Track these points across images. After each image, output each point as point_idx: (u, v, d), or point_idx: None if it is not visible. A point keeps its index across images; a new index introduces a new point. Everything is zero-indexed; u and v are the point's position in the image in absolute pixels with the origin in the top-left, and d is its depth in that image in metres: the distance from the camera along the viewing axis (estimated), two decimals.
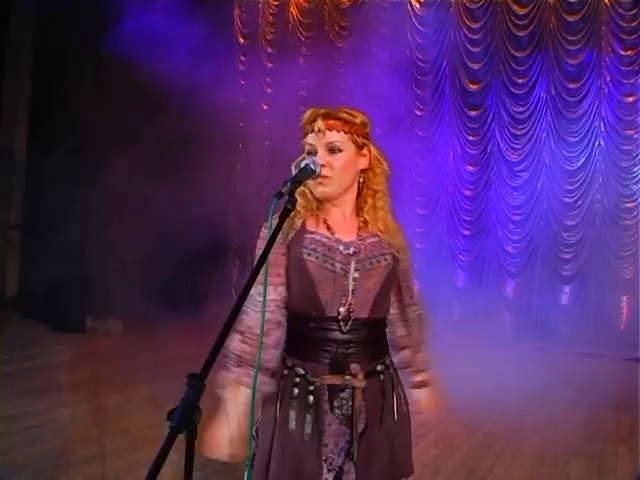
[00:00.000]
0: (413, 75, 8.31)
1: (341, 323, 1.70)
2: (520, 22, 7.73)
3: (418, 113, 8.14)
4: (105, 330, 7.02)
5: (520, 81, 7.78)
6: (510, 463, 4.02)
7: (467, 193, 8.16)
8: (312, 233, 1.74)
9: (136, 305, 6.74)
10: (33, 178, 7.65)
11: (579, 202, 7.55)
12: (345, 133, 1.71)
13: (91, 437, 4.05)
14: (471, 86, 8.07)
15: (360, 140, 1.74)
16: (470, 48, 8.02)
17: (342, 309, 1.70)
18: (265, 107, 9.30)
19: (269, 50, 9.24)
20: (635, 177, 7.34)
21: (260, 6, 9.27)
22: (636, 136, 7.30)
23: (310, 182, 1.68)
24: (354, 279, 1.70)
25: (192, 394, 1.10)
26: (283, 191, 1.50)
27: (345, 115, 1.72)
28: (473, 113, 8.09)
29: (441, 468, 3.79)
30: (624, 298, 7.25)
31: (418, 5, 8.29)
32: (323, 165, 1.68)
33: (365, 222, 1.77)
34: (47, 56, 7.40)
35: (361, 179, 1.79)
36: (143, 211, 6.76)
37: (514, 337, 7.58)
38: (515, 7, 7.73)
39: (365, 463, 1.68)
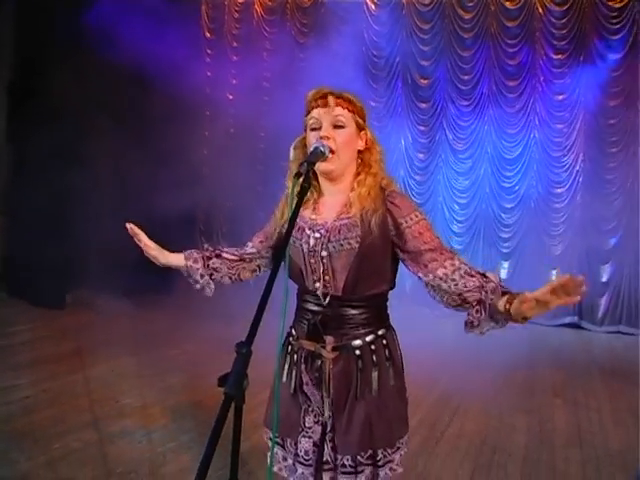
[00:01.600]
0: (369, 70, 8.34)
1: (320, 297, 1.71)
2: (465, 25, 7.86)
3: (373, 104, 8.21)
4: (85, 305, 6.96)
5: (465, 78, 7.91)
6: (464, 418, 4.18)
7: (417, 178, 8.30)
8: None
9: (111, 281, 6.69)
10: (14, 161, 7.44)
11: (516, 187, 7.78)
12: (349, 111, 1.70)
13: (82, 406, 4.06)
14: (421, 81, 8.17)
15: (361, 121, 1.74)
16: (421, 47, 8.10)
17: (318, 284, 1.71)
18: (230, 97, 9.22)
19: (234, 44, 9.14)
20: (564, 166, 7.59)
21: (226, 3, 9.15)
22: (565, 130, 7.56)
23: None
24: (322, 258, 1.69)
25: (241, 361, 1.09)
26: (302, 171, 1.51)
27: (350, 96, 1.71)
28: (423, 106, 8.19)
29: None
30: (554, 272, 7.55)
31: (374, 6, 8.31)
32: (327, 137, 1.66)
33: (352, 195, 1.71)
34: (27, 37, 7.12)
35: (359, 160, 1.77)
36: (120, 191, 6.71)
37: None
38: (461, 12, 7.85)
39: (344, 430, 1.69)
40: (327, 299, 1.71)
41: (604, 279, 7.53)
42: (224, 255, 1.91)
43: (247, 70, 8.78)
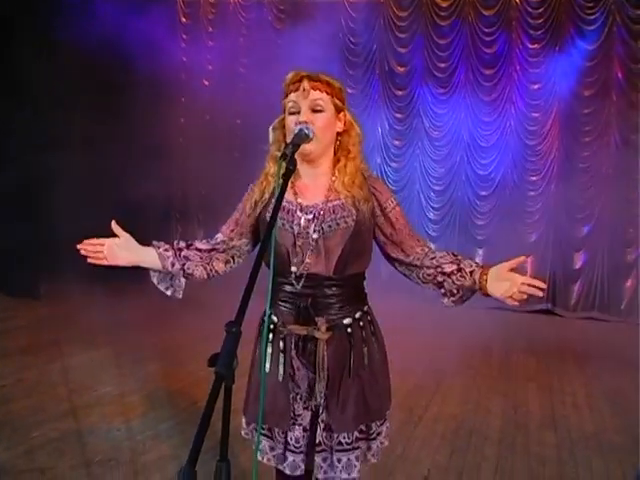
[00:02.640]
0: (345, 56, 8.33)
1: (311, 280, 1.70)
2: (442, 13, 7.88)
3: (350, 91, 8.15)
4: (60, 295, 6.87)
5: (442, 66, 7.94)
6: (441, 402, 4.26)
7: (393, 165, 8.32)
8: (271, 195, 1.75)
9: (86, 270, 6.60)
10: None
11: (492, 175, 7.86)
12: (327, 94, 1.69)
13: (60, 395, 4.04)
14: (398, 68, 8.19)
15: (339, 104, 1.73)
16: (398, 34, 8.11)
17: (294, 268, 1.70)
18: (206, 83, 9.14)
19: (210, 29, 9.02)
20: (539, 154, 7.68)
21: None
22: (540, 118, 7.65)
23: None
24: (314, 239, 1.68)
25: (231, 341, 1.08)
26: (287, 153, 1.50)
27: (327, 78, 1.70)
28: (399, 93, 8.21)
29: None
30: (528, 259, 7.69)
31: None
32: (306, 122, 1.65)
33: (335, 182, 1.73)
34: None
35: (337, 142, 1.77)
36: (93, 179, 6.61)
37: (435, 294, 7.89)
38: (438, 0, 7.90)
39: (340, 408, 1.70)
40: (315, 280, 1.71)
41: (577, 266, 7.68)
42: (195, 245, 1.84)
43: (223, 56, 8.69)
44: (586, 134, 7.48)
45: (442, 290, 1.76)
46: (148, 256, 1.77)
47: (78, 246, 1.73)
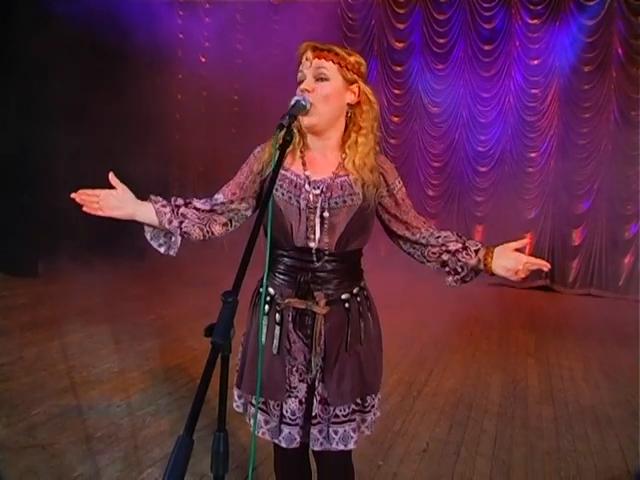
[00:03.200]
0: (344, 32, 8.28)
1: (313, 254, 1.67)
2: None
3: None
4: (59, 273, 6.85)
5: (441, 41, 7.88)
6: (441, 377, 4.26)
7: (392, 142, 8.28)
8: (285, 170, 1.70)
9: (84, 248, 6.59)
10: None
11: (491, 151, 7.84)
12: (334, 63, 1.63)
13: (60, 372, 4.01)
14: (397, 44, 8.12)
15: (350, 75, 1.65)
16: (396, 9, 8.03)
17: (312, 244, 1.67)
18: (203, 60, 9.05)
19: (207, 6, 8.92)
20: (539, 130, 7.65)
21: None
22: (540, 94, 7.59)
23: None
24: (321, 216, 1.65)
25: (228, 310, 1.07)
26: (284, 123, 1.44)
27: (337, 49, 1.64)
28: (398, 69, 8.16)
29: (383, 385, 3.99)
30: (527, 235, 7.67)
31: None
32: (307, 89, 1.61)
33: (346, 160, 1.67)
34: None
35: (349, 114, 1.70)
36: (90, 156, 6.55)
37: (437, 272, 7.89)
38: None
39: (336, 382, 1.68)
40: (318, 255, 1.68)
41: (576, 243, 7.68)
42: (194, 204, 1.77)
43: (220, 32, 8.59)
44: (585, 110, 7.43)
45: (446, 269, 1.77)
46: (144, 210, 1.70)
47: (72, 195, 1.65)
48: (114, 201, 1.68)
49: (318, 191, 1.67)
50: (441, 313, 5.64)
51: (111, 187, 1.69)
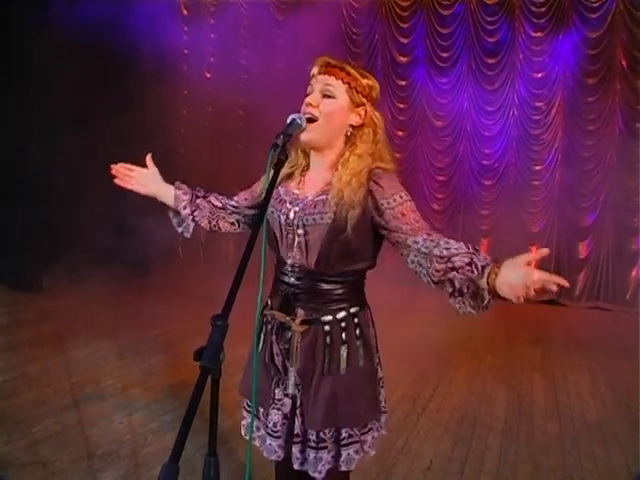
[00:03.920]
0: (348, 47, 8.30)
1: (293, 269, 1.69)
2: (445, 2, 7.82)
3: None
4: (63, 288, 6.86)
5: (444, 55, 7.89)
6: (445, 393, 4.22)
7: (397, 156, 8.25)
8: (282, 186, 1.75)
9: (89, 263, 6.60)
10: None
11: (496, 165, 7.82)
12: (343, 83, 1.63)
13: (63, 388, 4.02)
14: (401, 58, 8.14)
15: (358, 97, 1.65)
16: (400, 24, 8.06)
17: (290, 257, 1.69)
18: (208, 75, 9.12)
19: (212, 22, 9.00)
20: (543, 143, 7.63)
21: None
22: (544, 107, 7.58)
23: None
24: (297, 231, 1.66)
25: (218, 334, 1.06)
26: (278, 143, 1.46)
27: (349, 68, 1.64)
28: (402, 83, 8.17)
29: (387, 400, 3.98)
30: (532, 248, 7.61)
31: None
32: (311, 104, 1.61)
33: (334, 175, 1.64)
34: None
35: (348, 134, 1.69)
36: (94, 173, 6.56)
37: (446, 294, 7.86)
38: None
39: (311, 404, 1.66)
40: (299, 272, 1.68)
41: (582, 255, 7.63)
42: (210, 199, 1.96)
43: (225, 48, 8.66)
44: (590, 122, 7.41)
45: (451, 289, 1.51)
46: (167, 192, 1.95)
47: (112, 166, 1.93)
48: (143, 179, 1.94)
49: (297, 208, 1.68)
50: (446, 327, 5.58)
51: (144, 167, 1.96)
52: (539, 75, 7.58)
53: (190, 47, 9.04)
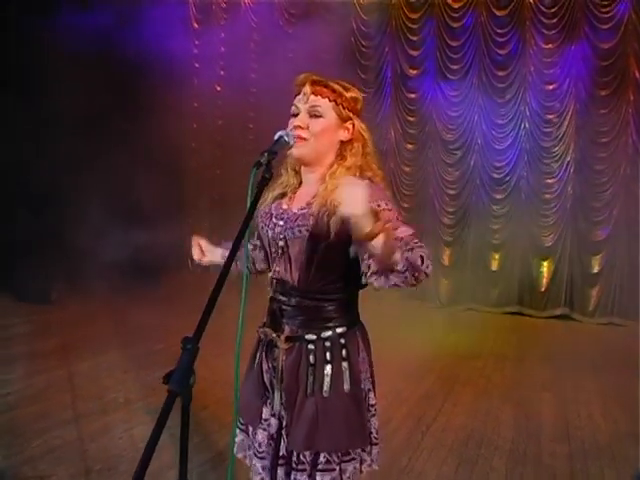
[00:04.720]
0: (357, 60, 8.32)
1: (276, 286, 1.70)
2: (455, 14, 7.82)
3: (362, 95, 8.17)
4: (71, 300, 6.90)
5: (454, 67, 7.86)
6: (451, 412, 4.15)
7: (407, 169, 8.26)
8: (273, 202, 1.75)
9: (96, 276, 6.63)
10: None
11: (507, 178, 7.75)
12: (330, 101, 1.63)
13: (65, 402, 4.03)
14: (410, 71, 8.13)
15: (345, 112, 1.65)
16: (409, 36, 8.07)
17: (275, 275, 1.70)
18: (218, 88, 9.19)
19: (222, 35, 9.06)
20: (555, 156, 7.56)
21: None
22: (556, 120, 7.52)
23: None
24: (281, 247, 1.66)
25: (187, 357, 1.05)
26: (262, 161, 1.46)
27: (334, 85, 1.64)
28: (412, 96, 8.15)
29: (391, 418, 3.91)
30: (545, 263, 7.57)
31: None
32: (300, 126, 1.61)
33: (321, 187, 1.63)
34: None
35: (338, 151, 1.69)
36: (105, 185, 6.62)
37: (449, 300, 7.89)
38: (450, 1, 7.82)
39: (293, 424, 1.64)
40: (284, 287, 1.68)
41: (595, 270, 7.52)
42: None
43: (235, 61, 8.72)
44: (603, 135, 7.33)
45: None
46: (217, 257, 1.99)
47: (196, 240, 2.04)
48: (200, 253, 2.01)
49: (282, 222, 1.68)
50: (453, 344, 5.55)
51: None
52: (550, 87, 7.52)
53: (200, 60, 9.12)
